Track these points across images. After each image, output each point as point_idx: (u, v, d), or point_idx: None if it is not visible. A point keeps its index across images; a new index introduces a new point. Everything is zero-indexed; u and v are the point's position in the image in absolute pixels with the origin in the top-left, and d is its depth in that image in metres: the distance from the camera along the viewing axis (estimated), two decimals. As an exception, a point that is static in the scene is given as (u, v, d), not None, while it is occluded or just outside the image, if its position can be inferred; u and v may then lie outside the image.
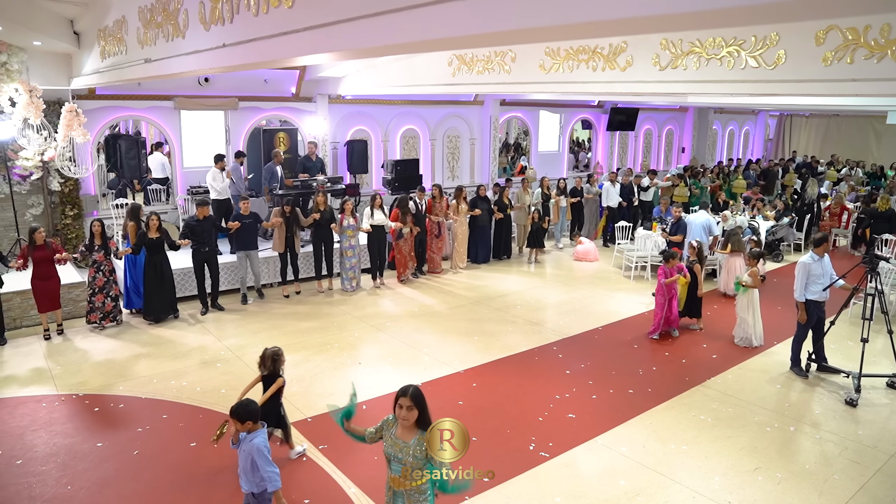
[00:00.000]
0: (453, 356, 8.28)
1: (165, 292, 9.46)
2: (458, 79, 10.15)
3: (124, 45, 6.67)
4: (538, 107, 18.18)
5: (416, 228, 11.60)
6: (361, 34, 3.08)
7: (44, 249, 8.51)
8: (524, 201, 13.78)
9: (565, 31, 3.45)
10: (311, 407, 6.85)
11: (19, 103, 9.49)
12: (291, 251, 10.63)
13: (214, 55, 4.36)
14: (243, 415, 4.41)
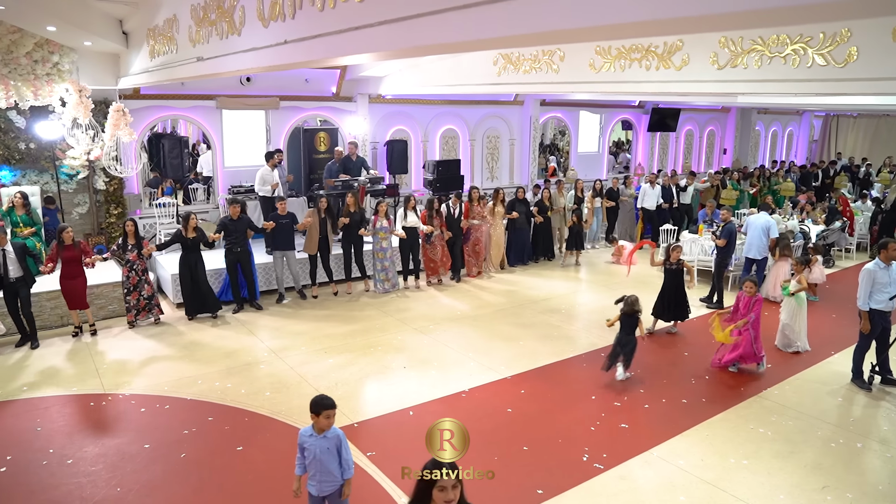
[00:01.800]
0: (499, 361, 8.10)
1: (199, 292, 9.45)
2: (503, 78, 9.98)
3: (175, 44, 6.63)
4: (578, 107, 17.92)
5: (447, 232, 11.33)
6: (446, 28, 2.92)
7: (72, 249, 8.55)
8: (559, 203, 13.48)
9: (623, 29, 3.26)
10: (358, 412, 6.74)
11: (69, 103, 9.56)
12: (323, 253, 10.49)
13: (275, 52, 4.24)
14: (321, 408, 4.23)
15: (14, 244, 8.29)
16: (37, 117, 10.14)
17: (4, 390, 7.23)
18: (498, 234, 12.42)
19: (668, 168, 20.59)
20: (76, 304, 8.74)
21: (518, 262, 12.90)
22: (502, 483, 5.41)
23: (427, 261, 11.36)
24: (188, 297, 9.47)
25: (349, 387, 7.34)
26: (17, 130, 10.26)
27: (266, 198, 10.93)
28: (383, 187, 12.34)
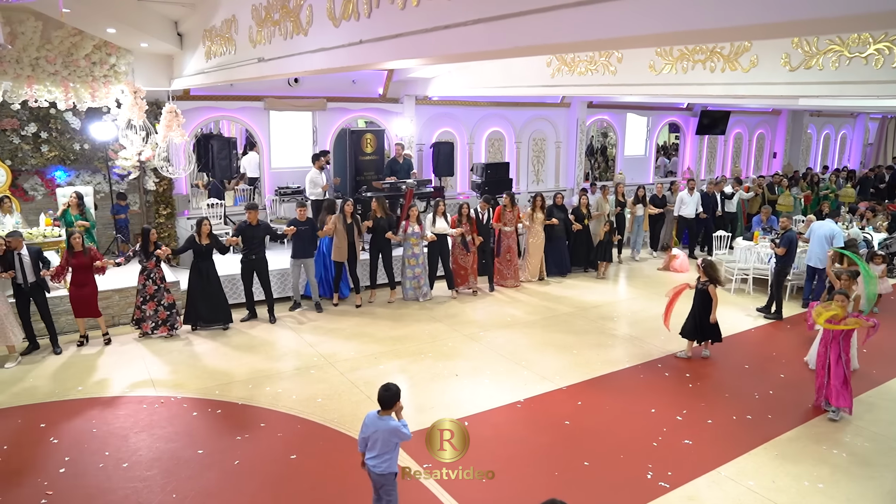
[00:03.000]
0: (553, 371, 7.88)
1: (210, 300, 9.01)
2: (557, 80, 9.76)
3: (233, 45, 6.56)
4: (626, 109, 17.58)
5: (478, 238, 10.88)
6: (556, 27, 2.73)
7: (81, 256, 8.16)
8: (603, 209, 12.84)
9: (702, 35, 3.03)
10: (412, 421, 6.52)
11: (124, 104, 9.61)
12: (351, 260, 10.04)
13: (348, 52, 4.08)
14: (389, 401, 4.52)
15: (30, 248, 8.00)
16: (91, 118, 10.24)
17: (59, 389, 7.25)
18: (537, 241, 11.85)
19: (717, 172, 20.14)
20: (84, 312, 8.37)
21: (556, 272, 12.29)
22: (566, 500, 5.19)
23: (457, 269, 10.95)
24: (193, 305, 8.98)
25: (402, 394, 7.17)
26: (72, 132, 10.38)
27: (318, 201, 10.81)
28: (431, 189, 12.18)
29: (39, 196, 10.65)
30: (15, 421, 6.57)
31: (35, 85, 8.90)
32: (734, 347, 8.89)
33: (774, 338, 9.41)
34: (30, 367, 7.87)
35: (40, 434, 6.30)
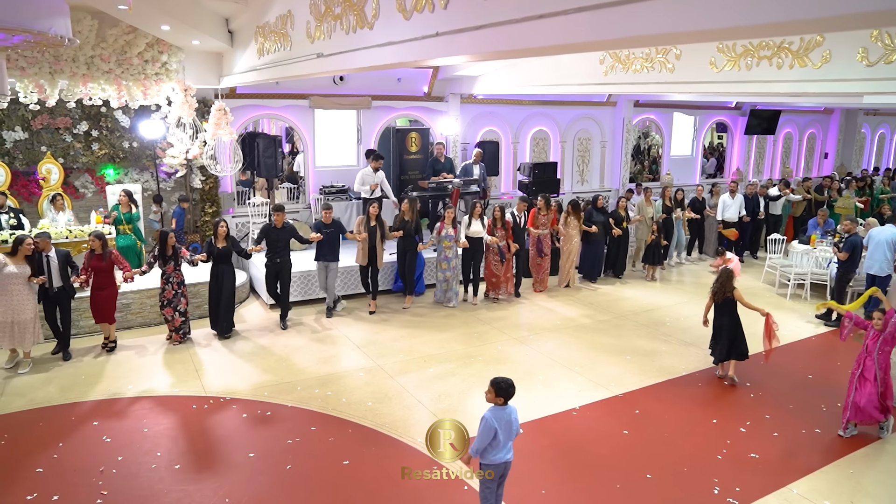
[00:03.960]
0: (608, 377, 7.64)
1: (224, 307, 8.71)
2: (610, 78, 9.50)
3: (289, 41, 6.45)
4: (672, 108, 17.18)
5: (514, 245, 10.45)
6: (679, 14, 2.52)
7: (100, 259, 7.94)
8: (646, 213, 12.36)
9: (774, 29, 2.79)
10: (470, 428, 6.37)
11: (175, 102, 9.62)
12: (373, 264, 9.72)
13: (422, 46, 3.89)
14: (499, 390, 4.55)
15: (58, 251, 7.81)
16: (140, 117, 10.29)
17: (110, 387, 7.24)
18: (570, 247, 11.37)
19: (765, 174, 19.59)
20: (102, 316, 8.13)
21: (588, 278, 11.80)
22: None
23: (489, 275, 10.57)
24: (215, 311, 8.73)
25: (452, 399, 7.02)
26: (122, 130, 10.44)
27: (365, 199, 10.66)
28: (477, 189, 11.99)
29: (90, 194, 10.75)
30: (69, 418, 6.56)
31: (90, 83, 8.96)
32: (795, 356, 8.54)
33: (837, 346, 8.98)
34: (81, 364, 7.89)
35: (93, 432, 6.27)
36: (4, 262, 7.29)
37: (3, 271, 7.27)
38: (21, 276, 7.37)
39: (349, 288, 10.45)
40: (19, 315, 7.40)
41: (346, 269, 10.26)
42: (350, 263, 10.14)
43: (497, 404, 4.56)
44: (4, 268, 7.28)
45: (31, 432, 6.28)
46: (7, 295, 7.33)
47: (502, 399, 4.53)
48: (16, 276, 7.33)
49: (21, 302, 7.40)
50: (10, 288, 7.33)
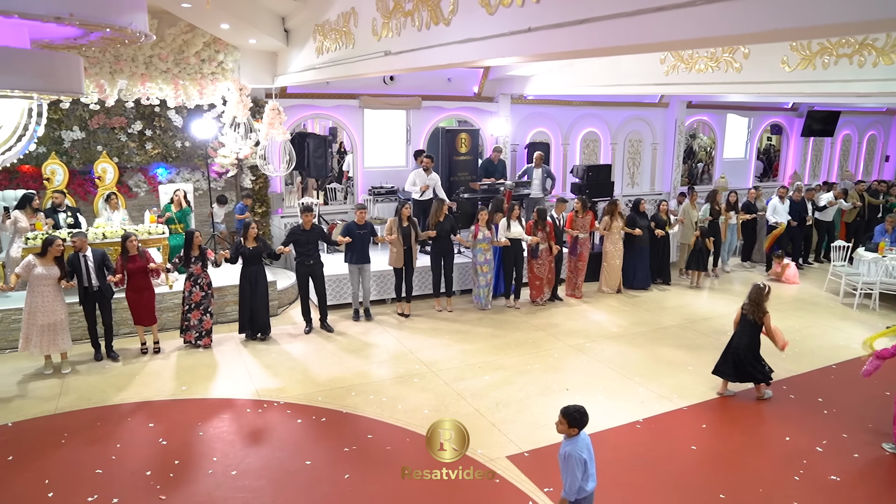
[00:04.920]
0: (670, 388, 7.34)
1: (259, 309, 8.57)
2: (672, 78, 9.19)
3: (351, 39, 6.32)
4: (726, 109, 16.69)
5: (556, 246, 10.24)
6: None
7: (137, 260, 7.82)
8: (690, 216, 11.99)
9: None
10: (527, 439, 6.19)
11: (230, 102, 9.61)
12: (408, 267, 9.57)
13: (511, 42, 3.67)
14: (572, 420, 4.23)
15: (94, 251, 7.69)
16: (192, 116, 10.30)
17: (163, 389, 7.21)
18: (615, 251, 11.05)
19: (821, 177, 18.93)
20: (143, 319, 8.06)
21: (636, 284, 11.37)
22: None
23: (533, 278, 10.32)
24: (245, 314, 8.55)
25: (511, 409, 6.81)
26: (175, 129, 10.47)
27: (418, 202, 10.48)
28: (529, 192, 11.75)
29: (142, 193, 10.80)
30: (125, 418, 6.54)
31: (148, 83, 8.98)
32: None
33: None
34: (133, 365, 7.89)
35: (149, 434, 6.23)
36: (33, 264, 7.19)
37: (32, 272, 7.18)
38: (50, 277, 7.24)
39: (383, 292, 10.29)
40: (50, 317, 7.26)
41: (377, 273, 10.07)
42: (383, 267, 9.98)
43: (570, 436, 4.23)
44: (33, 269, 7.18)
45: (89, 432, 6.27)
46: (39, 296, 7.22)
47: (576, 430, 4.22)
48: (45, 278, 7.21)
49: (51, 303, 7.27)
50: (39, 289, 7.21)
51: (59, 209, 9.15)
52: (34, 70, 3.96)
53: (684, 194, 13.77)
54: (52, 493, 5.24)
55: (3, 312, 8.06)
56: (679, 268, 12.40)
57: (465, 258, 10.49)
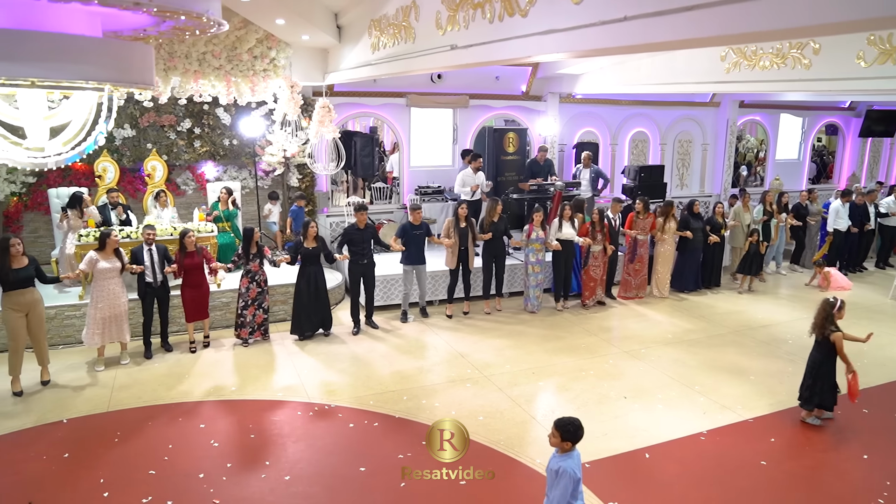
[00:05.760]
0: (733, 399, 7.03)
1: (319, 308, 8.53)
2: (733, 76, 8.84)
3: (412, 34, 6.16)
4: (780, 109, 16.16)
5: (610, 247, 10.01)
6: None
7: (194, 256, 7.91)
8: (742, 219, 11.54)
9: None
10: (587, 449, 5.88)
11: (281, 99, 9.54)
12: (464, 267, 9.44)
13: (603, 32, 3.44)
14: (565, 434, 4.00)
15: (157, 246, 7.79)
16: (240, 114, 10.27)
17: (213, 388, 7.14)
18: (666, 253, 10.72)
19: (880, 178, 18.23)
20: (197, 314, 8.11)
21: (686, 287, 11.04)
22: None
23: (587, 279, 10.07)
24: (301, 313, 8.47)
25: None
26: (223, 127, 10.46)
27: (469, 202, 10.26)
28: (579, 193, 11.48)
29: (190, 191, 10.82)
30: (176, 418, 6.48)
31: (200, 80, 8.95)
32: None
33: None
34: (182, 362, 7.86)
35: (201, 435, 6.15)
36: (95, 258, 7.32)
37: (95, 267, 7.30)
38: (113, 269, 7.40)
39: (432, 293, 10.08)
40: (114, 308, 7.46)
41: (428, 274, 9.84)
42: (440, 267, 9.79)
43: (563, 450, 4.03)
44: (96, 263, 7.30)
45: (142, 431, 6.21)
46: (104, 289, 7.38)
47: (570, 444, 4.01)
48: (108, 271, 7.37)
49: (117, 295, 7.47)
50: (103, 283, 7.37)
51: (113, 206, 9.16)
52: (108, 60, 3.85)
53: (735, 196, 13.36)
54: (107, 493, 5.18)
55: (56, 309, 8.10)
56: (731, 272, 11.98)
57: (514, 260, 10.25)
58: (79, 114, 4.26)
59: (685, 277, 11.08)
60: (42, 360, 7.16)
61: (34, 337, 7.02)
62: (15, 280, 6.75)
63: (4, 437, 6.10)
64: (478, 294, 10.01)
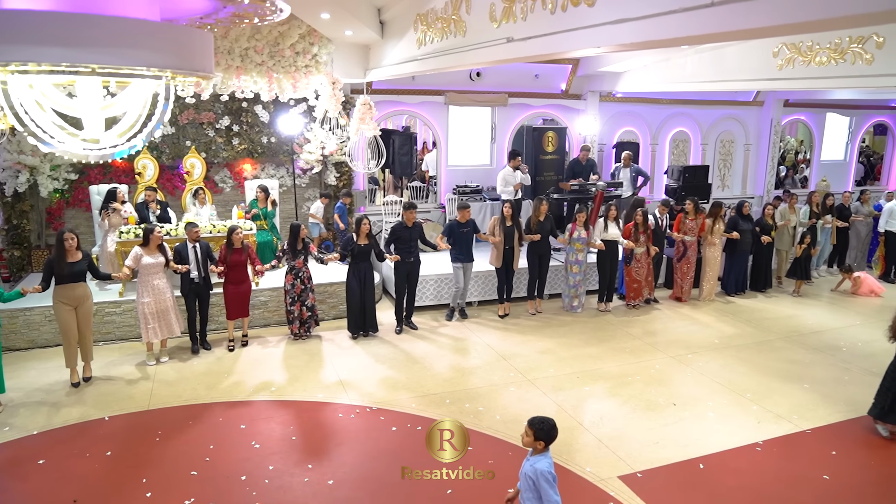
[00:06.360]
0: (788, 408, 6.75)
1: (367, 306, 8.49)
2: (786, 72, 8.53)
3: (462, 28, 5.98)
4: (826, 108, 15.68)
5: (654, 248, 9.77)
6: None
7: (240, 253, 7.88)
8: (789, 220, 11.16)
9: None
10: (638, 458, 5.73)
11: (323, 96, 9.45)
12: (509, 266, 9.26)
13: (685, 20, 3.24)
14: (539, 432, 3.85)
15: (201, 243, 7.79)
16: (279, 111, 10.20)
17: (253, 388, 7.06)
18: (714, 255, 10.41)
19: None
20: (238, 311, 8.09)
21: (734, 289, 10.80)
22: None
23: (630, 281, 9.83)
24: (355, 312, 8.44)
25: (616, 424, 6.36)
26: (261, 125, 10.40)
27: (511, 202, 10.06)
28: (620, 194, 11.23)
29: (228, 188, 10.79)
30: (216, 418, 6.40)
31: (242, 76, 8.90)
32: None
33: None
34: (223, 361, 7.80)
35: (242, 436, 6.05)
36: (140, 254, 7.34)
37: (140, 262, 7.32)
38: (157, 265, 7.42)
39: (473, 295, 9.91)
40: (162, 303, 7.48)
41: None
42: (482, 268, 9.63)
43: (537, 451, 3.88)
44: (141, 259, 7.32)
45: (183, 431, 6.15)
46: (149, 285, 7.40)
47: (543, 444, 3.86)
48: (152, 266, 7.40)
49: (162, 290, 7.48)
50: (148, 278, 7.39)
51: (149, 205, 9.15)
52: (170, 46, 3.74)
53: (780, 198, 13.00)
54: (150, 494, 5.11)
55: (98, 305, 8.10)
56: (777, 275, 11.61)
57: (555, 261, 10.05)
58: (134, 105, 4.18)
59: (732, 280, 10.81)
60: (86, 356, 7.16)
61: (80, 332, 7.03)
62: (69, 274, 6.79)
63: (50, 432, 6.09)
64: (521, 295, 9.85)
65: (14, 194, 9.23)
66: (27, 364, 7.60)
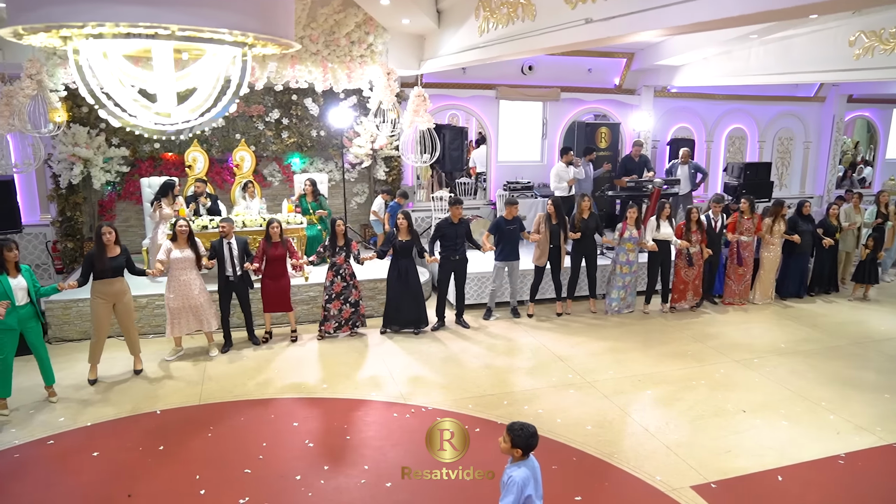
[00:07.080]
0: (869, 418, 6.33)
1: (409, 303, 8.27)
2: (864, 62, 8.08)
3: (531, 11, 5.72)
4: (893, 104, 14.99)
5: (707, 250, 9.29)
6: None
7: (279, 247, 7.74)
8: (854, 221, 10.67)
9: None
10: (710, 467, 5.40)
11: (377, 87, 9.28)
12: (554, 265, 9.00)
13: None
14: (517, 439, 3.61)
15: (238, 239, 7.63)
16: (328, 105, 10.07)
17: (304, 385, 6.91)
18: (772, 257, 9.98)
19: None
20: (277, 305, 7.96)
21: (793, 292, 10.29)
22: None
23: (678, 282, 9.41)
24: (391, 307, 8.31)
25: (684, 430, 6.03)
26: (311, 118, 10.29)
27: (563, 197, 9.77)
28: (677, 191, 10.84)
29: (276, 182, 10.71)
30: (268, 415, 6.25)
31: (297, 65, 8.77)
32: None
33: None
34: (270, 356, 7.68)
35: (295, 435, 5.89)
36: (170, 248, 7.24)
37: (170, 257, 7.21)
38: (186, 260, 7.28)
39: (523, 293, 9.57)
40: (189, 300, 7.33)
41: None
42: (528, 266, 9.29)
43: (515, 458, 3.65)
44: (170, 253, 7.21)
45: (234, 427, 6.02)
46: (176, 281, 7.29)
47: (520, 451, 3.62)
48: (181, 261, 7.27)
49: (189, 286, 7.34)
50: (175, 273, 7.29)
51: (199, 197, 9.09)
52: (253, 7, 3.51)
53: (842, 198, 12.43)
54: (203, 491, 4.96)
55: (148, 298, 8.06)
56: (840, 277, 11.08)
57: (605, 260, 9.72)
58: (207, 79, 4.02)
59: (790, 283, 10.29)
60: (134, 350, 7.10)
61: (123, 327, 6.98)
62: (107, 268, 6.69)
63: (102, 424, 6.02)
64: (548, 296, 9.52)
65: (68, 186, 9.26)
66: (79, 356, 7.56)
